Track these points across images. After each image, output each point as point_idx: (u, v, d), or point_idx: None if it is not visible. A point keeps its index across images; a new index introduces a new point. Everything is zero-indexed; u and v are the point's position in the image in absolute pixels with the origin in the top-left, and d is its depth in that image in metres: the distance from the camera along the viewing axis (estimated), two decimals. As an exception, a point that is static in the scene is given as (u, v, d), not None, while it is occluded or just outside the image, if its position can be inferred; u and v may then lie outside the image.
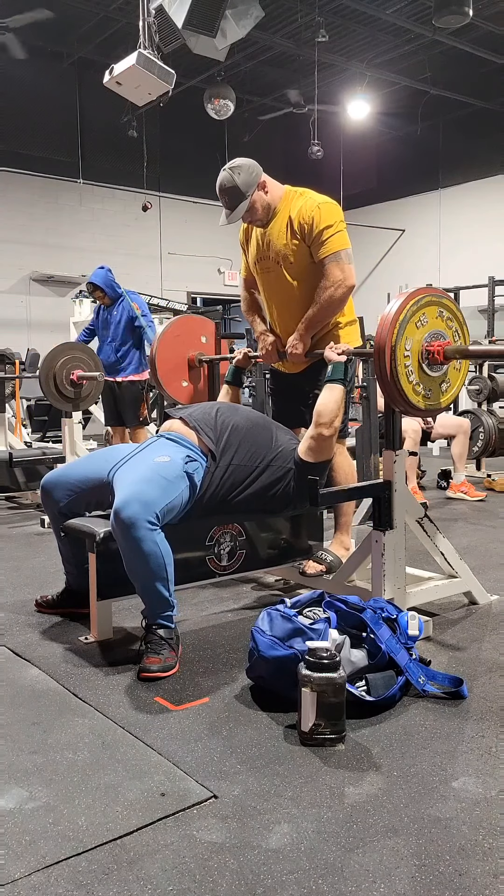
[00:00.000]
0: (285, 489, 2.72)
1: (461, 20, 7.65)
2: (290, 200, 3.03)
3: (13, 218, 11.29)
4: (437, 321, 2.48)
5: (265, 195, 2.99)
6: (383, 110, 12.11)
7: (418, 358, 2.44)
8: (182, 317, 3.97)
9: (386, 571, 2.54)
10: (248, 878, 1.39)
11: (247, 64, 10.74)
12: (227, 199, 2.97)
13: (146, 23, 6.05)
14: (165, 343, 3.63)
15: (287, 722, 1.98)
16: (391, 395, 2.46)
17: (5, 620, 2.82)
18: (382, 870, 1.41)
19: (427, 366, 2.46)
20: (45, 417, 8.21)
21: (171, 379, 3.66)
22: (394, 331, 2.36)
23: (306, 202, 2.97)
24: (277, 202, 3.03)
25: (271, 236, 3.05)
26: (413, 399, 2.45)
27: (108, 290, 5.50)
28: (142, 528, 2.26)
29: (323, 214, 2.91)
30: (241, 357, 3.29)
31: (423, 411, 2.53)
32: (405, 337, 2.39)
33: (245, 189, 2.93)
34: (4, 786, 1.70)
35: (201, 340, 3.73)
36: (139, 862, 1.44)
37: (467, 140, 12.13)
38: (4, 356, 5.79)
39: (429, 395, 2.50)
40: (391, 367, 2.38)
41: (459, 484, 5.26)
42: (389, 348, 2.37)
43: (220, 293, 13.55)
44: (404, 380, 2.41)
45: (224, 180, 2.95)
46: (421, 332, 2.44)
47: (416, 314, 2.41)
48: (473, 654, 2.45)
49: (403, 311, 2.38)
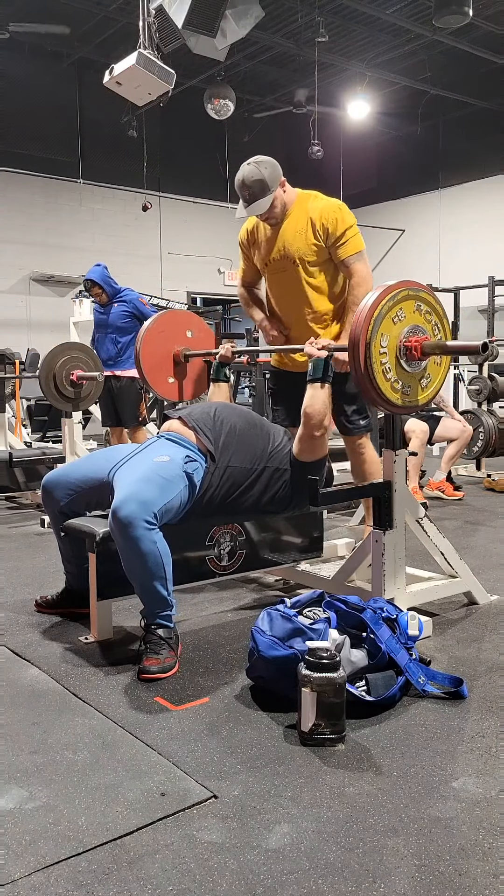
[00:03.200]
0: (284, 490, 2.72)
1: (461, 20, 7.65)
2: (304, 202, 3.08)
3: (13, 218, 11.29)
4: (415, 315, 2.40)
5: (283, 194, 3.03)
6: (383, 110, 12.11)
7: (396, 354, 2.36)
8: (166, 312, 3.93)
9: (386, 571, 2.54)
10: (248, 878, 1.39)
11: (247, 64, 10.74)
12: (250, 192, 2.96)
13: (146, 23, 6.05)
14: (149, 339, 3.60)
15: (287, 722, 1.98)
16: (367, 392, 2.39)
17: (5, 620, 2.82)
18: (382, 870, 1.41)
19: (405, 362, 2.38)
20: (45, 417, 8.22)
21: (155, 375, 3.64)
22: (368, 326, 2.29)
23: (326, 204, 3.05)
24: (291, 203, 3.07)
25: (286, 236, 3.07)
26: (390, 396, 2.37)
27: (106, 286, 5.50)
28: (139, 527, 2.26)
29: (344, 216, 3.03)
30: (224, 352, 3.25)
31: (402, 408, 2.45)
32: (380, 333, 2.31)
33: (271, 184, 2.96)
34: (4, 786, 1.70)
35: (186, 335, 3.70)
36: (139, 862, 1.44)
37: (467, 140, 12.12)
38: (4, 356, 5.79)
39: (407, 391, 2.42)
40: (366, 363, 2.31)
41: (438, 482, 5.27)
42: (364, 344, 2.30)
43: (220, 293, 13.54)
44: (380, 377, 2.33)
45: (250, 173, 2.95)
46: (398, 327, 2.36)
47: (393, 309, 2.34)
48: (473, 654, 2.45)
49: (378, 307, 2.30)
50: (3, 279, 11.23)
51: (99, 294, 5.55)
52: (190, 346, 3.69)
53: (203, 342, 3.74)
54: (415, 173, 12.96)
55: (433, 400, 2.70)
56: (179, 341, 3.69)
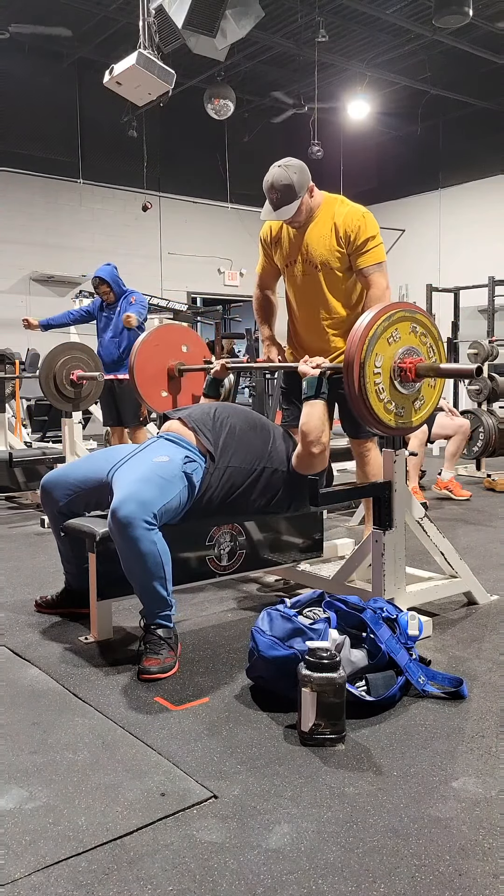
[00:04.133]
0: (284, 490, 2.72)
1: (461, 20, 7.64)
2: (330, 206, 3.05)
3: (13, 218, 11.29)
4: (410, 337, 2.39)
5: (310, 199, 3.01)
6: (383, 110, 12.11)
7: (390, 375, 2.35)
8: (162, 326, 3.91)
9: (386, 571, 2.54)
10: (248, 878, 1.39)
11: (247, 64, 10.74)
12: (279, 196, 2.93)
13: (146, 23, 6.05)
14: (144, 352, 3.58)
15: (287, 722, 1.98)
16: (360, 413, 2.37)
17: (5, 620, 2.82)
18: (382, 870, 1.41)
19: (399, 383, 2.37)
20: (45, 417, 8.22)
21: (149, 388, 3.61)
22: (363, 347, 2.28)
23: (351, 210, 3.03)
24: (317, 207, 3.05)
25: (310, 240, 3.05)
26: (383, 417, 2.36)
27: (114, 285, 5.51)
28: (139, 527, 2.26)
29: (368, 223, 3.00)
30: (218, 368, 3.22)
31: (395, 429, 2.43)
32: (375, 353, 2.30)
33: (299, 189, 2.93)
34: (4, 786, 1.70)
35: (182, 350, 3.69)
36: (139, 862, 1.44)
37: (467, 140, 12.13)
38: (4, 356, 5.79)
39: (401, 412, 2.41)
40: (359, 383, 2.29)
41: (446, 481, 5.27)
42: (358, 364, 2.28)
43: (220, 293, 13.54)
44: (374, 397, 2.32)
45: (279, 177, 2.92)
46: (393, 348, 2.35)
47: (388, 330, 2.33)
48: (473, 654, 2.45)
49: (374, 327, 2.29)
50: (3, 279, 11.23)
51: (107, 293, 5.54)
52: (185, 360, 3.66)
53: (198, 357, 3.72)
54: (415, 173, 12.96)
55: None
56: (174, 355, 3.66)
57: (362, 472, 3.29)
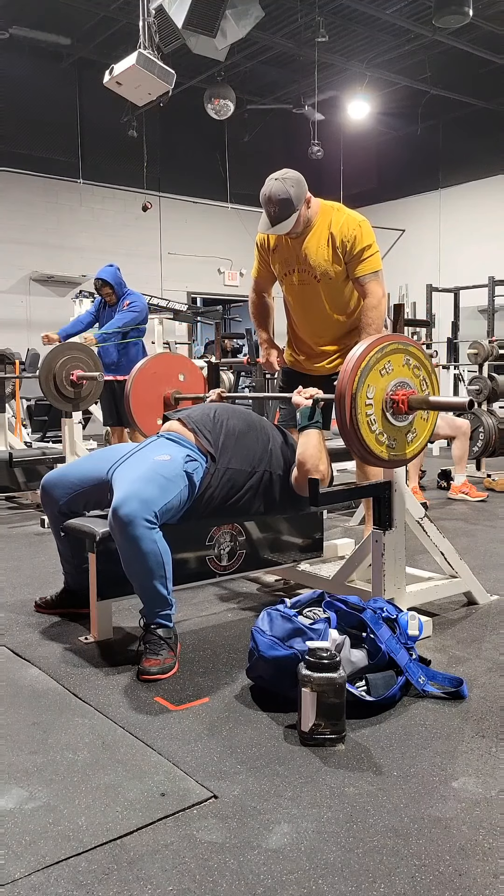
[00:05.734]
0: (283, 492, 2.72)
1: (461, 20, 7.65)
2: (327, 215, 3.04)
3: (13, 218, 11.28)
4: (402, 369, 2.37)
5: (307, 210, 2.99)
6: (383, 110, 12.11)
7: (382, 407, 2.33)
8: (159, 354, 3.92)
9: (386, 571, 2.54)
10: (248, 878, 1.39)
11: (247, 64, 10.74)
12: (277, 209, 2.90)
13: (146, 23, 6.05)
14: (141, 380, 3.58)
15: (287, 722, 1.98)
16: (352, 444, 2.34)
17: (5, 620, 2.82)
18: (382, 870, 1.41)
19: (391, 415, 2.35)
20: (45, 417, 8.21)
21: (144, 416, 3.61)
22: (354, 378, 2.25)
23: (348, 219, 3.01)
24: (315, 216, 3.03)
25: (308, 250, 3.04)
26: (375, 449, 2.33)
27: (117, 287, 5.51)
28: (140, 526, 2.26)
29: (364, 233, 2.99)
30: (214, 397, 3.20)
31: (387, 461, 2.40)
32: (367, 385, 2.28)
33: (297, 203, 2.91)
34: (4, 786, 1.70)
35: (179, 378, 3.69)
36: (139, 862, 1.44)
37: (467, 140, 12.13)
38: (4, 356, 5.78)
39: (393, 444, 2.39)
40: (351, 415, 2.27)
41: (460, 485, 5.27)
42: (349, 396, 2.26)
43: (220, 293, 13.54)
44: (365, 429, 2.30)
45: (277, 190, 2.89)
46: (385, 379, 2.32)
47: (381, 361, 2.30)
48: (473, 654, 2.45)
49: (366, 358, 2.27)
50: (3, 279, 11.23)
51: (109, 294, 5.55)
52: (181, 389, 3.67)
53: (194, 386, 3.73)
54: (415, 173, 12.96)
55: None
56: (171, 384, 3.67)
57: (362, 472, 3.30)
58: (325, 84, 11.04)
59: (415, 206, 13.13)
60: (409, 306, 10.35)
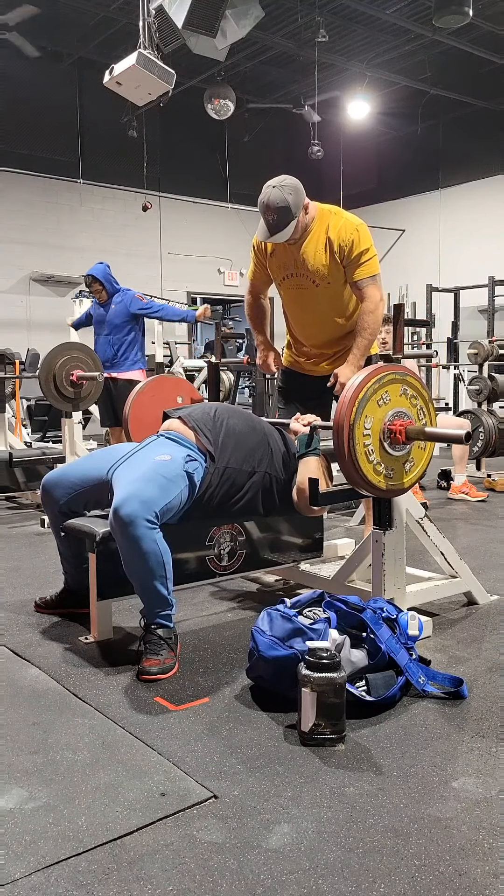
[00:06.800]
0: (282, 493, 2.72)
1: (461, 20, 7.64)
2: (325, 219, 3.02)
3: (13, 218, 11.28)
4: (400, 399, 2.38)
5: (305, 216, 2.97)
6: (383, 110, 12.10)
7: (380, 437, 2.34)
8: (158, 377, 3.93)
9: (386, 571, 2.54)
10: (248, 878, 1.39)
11: (247, 64, 10.73)
12: (275, 217, 2.88)
13: (146, 23, 6.05)
14: (140, 402, 3.59)
15: (287, 722, 1.98)
16: (349, 474, 2.35)
17: (5, 620, 2.82)
18: (382, 870, 1.41)
19: (389, 445, 2.36)
20: (45, 417, 8.21)
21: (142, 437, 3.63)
22: (352, 409, 2.26)
23: (345, 223, 2.99)
24: (312, 221, 3.02)
25: (306, 254, 3.03)
26: (373, 479, 2.34)
27: (107, 284, 5.51)
28: (140, 526, 2.26)
29: (361, 236, 2.97)
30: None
31: (385, 491, 2.41)
32: (364, 415, 2.29)
33: (295, 210, 2.89)
34: (4, 786, 1.70)
35: (177, 400, 3.70)
36: (139, 862, 1.44)
37: (467, 140, 12.12)
38: (4, 356, 5.78)
39: (391, 474, 2.40)
40: (349, 445, 2.27)
41: (461, 485, 5.27)
42: (347, 426, 2.27)
43: (219, 293, 13.53)
44: (363, 459, 2.30)
45: (275, 198, 2.87)
46: (383, 410, 2.33)
47: (378, 392, 2.32)
48: (473, 654, 2.45)
49: (364, 389, 2.28)
50: (3, 279, 11.23)
51: (99, 291, 5.55)
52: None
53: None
54: (415, 173, 12.95)
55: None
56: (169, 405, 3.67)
57: None
58: (325, 84, 11.03)
59: (415, 206, 13.12)
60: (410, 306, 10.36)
